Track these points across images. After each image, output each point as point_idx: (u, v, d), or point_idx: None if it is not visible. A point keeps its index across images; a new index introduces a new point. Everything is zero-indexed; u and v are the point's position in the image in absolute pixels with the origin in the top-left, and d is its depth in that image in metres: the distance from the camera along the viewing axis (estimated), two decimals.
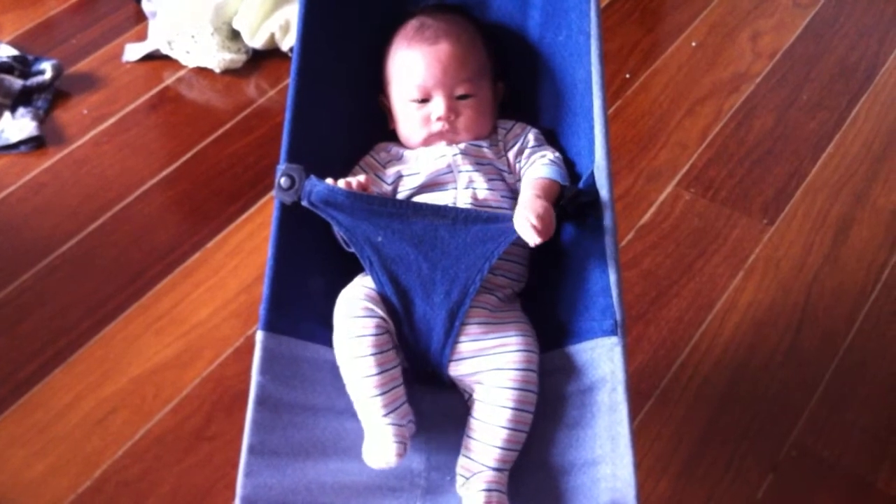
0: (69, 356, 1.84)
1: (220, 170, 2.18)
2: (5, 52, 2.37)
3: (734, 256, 2.02)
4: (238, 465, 1.16)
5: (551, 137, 1.41)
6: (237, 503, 1.16)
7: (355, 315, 1.22)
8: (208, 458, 1.70)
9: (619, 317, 1.20)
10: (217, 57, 2.37)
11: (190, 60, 2.39)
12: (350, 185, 1.27)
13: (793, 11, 2.58)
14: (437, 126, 1.38)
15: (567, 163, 1.36)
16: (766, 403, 1.79)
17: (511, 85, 1.47)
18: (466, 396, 1.27)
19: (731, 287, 1.96)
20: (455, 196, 1.33)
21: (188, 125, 2.28)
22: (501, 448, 1.18)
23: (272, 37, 2.38)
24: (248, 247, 2.03)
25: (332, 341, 1.24)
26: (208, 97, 2.36)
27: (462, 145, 1.38)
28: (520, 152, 1.38)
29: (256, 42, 2.39)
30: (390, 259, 1.23)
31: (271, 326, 1.22)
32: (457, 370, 1.25)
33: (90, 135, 2.25)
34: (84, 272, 1.98)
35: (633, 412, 1.18)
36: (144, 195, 2.12)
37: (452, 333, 1.23)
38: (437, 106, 1.37)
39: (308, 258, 1.30)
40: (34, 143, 2.21)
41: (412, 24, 1.43)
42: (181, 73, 2.40)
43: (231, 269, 1.99)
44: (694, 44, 2.49)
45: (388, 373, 1.21)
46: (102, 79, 2.37)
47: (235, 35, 2.41)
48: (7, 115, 2.24)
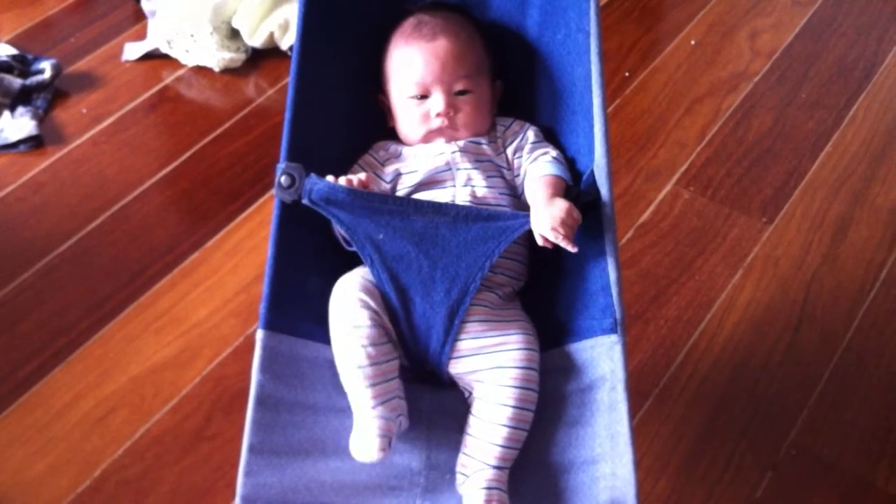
0: (68, 355, 1.84)
1: (220, 169, 2.18)
2: (4, 51, 2.37)
3: (733, 255, 2.02)
4: (237, 464, 1.16)
5: (550, 136, 1.41)
6: (237, 502, 1.16)
7: (349, 305, 1.22)
8: (208, 458, 1.70)
9: (618, 315, 1.20)
10: (216, 56, 2.37)
11: (189, 59, 2.39)
12: (351, 182, 1.27)
13: (791, 10, 2.58)
14: (437, 122, 1.38)
15: (566, 161, 1.36)
16: (765, 402, 1.79)
17: (510, 83, 1.47)
18: (466, 395, 1.27)
19: (730, 286, 1.96)
20: (454, 194, 1.33)
21: (187, 124, 2.28)
22: (502, 446, 1.18)
23: (271, 36, 2.38)
24: (247, 246, 2.03)
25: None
26: (207, 96, 2.36)
27: (461, 143, 1.38)
28: (519, 149, 1.38)
29: (256, 41, 2.39)
30: (391, 257, 1.23)
31: (271, 325, 1.22)
32: (456, 368, 1.25)
33: (89, 134, 2.25)
34: (83, 271, 1.98)
35: (633, 411, 1.18)
36: (143, 194, 2.12)
37: (452, 331, 1.23)
38: (436, 102, 1.37)
39: (308, 257, 1.30)
40: (33, 143, 2.21)
41: (410, 21, 1.43)
42: (180, 72, 2.39)
43: (230, 268, 1.99)
44: (693, 42, 2.49)
45: (380, 366, 1.21)
46: (101, 78, 2.37)
47: (235, 34, 2.41)
48: (6, 114, 2.24)
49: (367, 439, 1.16)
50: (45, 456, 1.70)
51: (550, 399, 1.22)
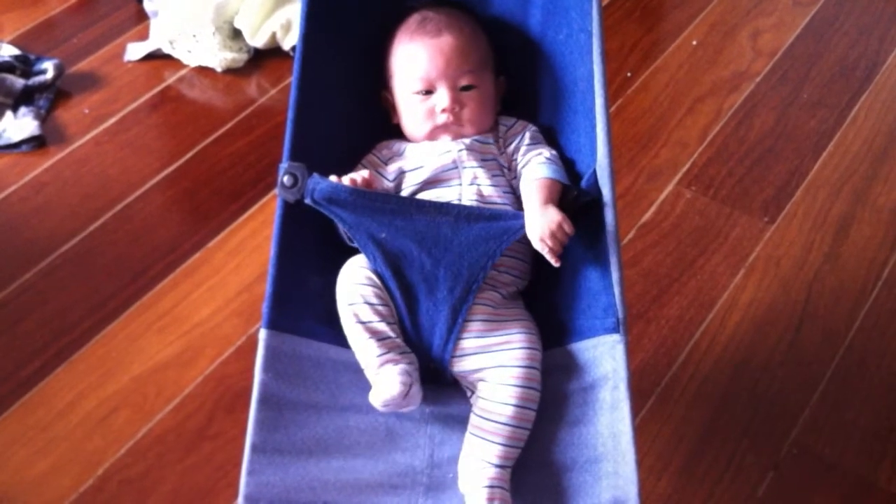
0: (70, 355, 1.84)
1: (222, 169, 2.18)
2: (7, 51, 2.38)
3: (735, 255, 2.02)
4: (240, 463, 1.16)
5: (552, 135, 1.42)
6: (240, 501, 1.16)
7: (360, 282, 1.23)
8: (210, 457, 1.70)
9: (621, 315, 1.20)
10: (218, 56, 2.37)
11: (191, 60, 2.39)
12: (355, 181, 1.27)
13: (793, 10, 2.58)
14: (442, 118, 1.38)
15: (567, 161, 1.36)
16: (766, 402, 1.79)
17: (512, 83, 1.47)
18: (469, 393, 1.27)
19: (732, 286, 1.96)
20: (460, 192, 1.33)
21: (189, 124, 2.28)
22: (504, 445, 1.19)
23: (273, 36, 2.39)
24: (250, 246, 2.03)
25: (336, 338, 1.24)
26: (209, 96, 2.36)
27: (467, 140, 1.38)
28: (516, 150, 1.38)
29: (258, 41, 2.39)
30: (393, 255, 1.24)
31: (274, 324, 1.22)
32: (459, 367, 1.25)
33: (91, 134, 2.25)
34: (85, 271, 1.98)
35: (634, 410, 1.18)
36: (145, 194, 2.13)
37: (455, 330, 1.23)
38: (442, 97, 1.38)
39: (310, 256, 1.30)
40: (35, 143, 2.21)
41: (414, 18, 1.43)
42: (182, 72, 2.40)
43: (232, 268, 1.99)
44: (694, 42, 2.49)
45: (395, 340, 1.21)
46: (104, 78, 2.38)
47: (237, 34, 2.41)
48: (9, 114, 2.24)
49: (389, 381, 1.16)
50: (47, 455, 1.70)
51: (553, 398, 1.23)
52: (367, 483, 1.20)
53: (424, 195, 1.34)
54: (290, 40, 2.38)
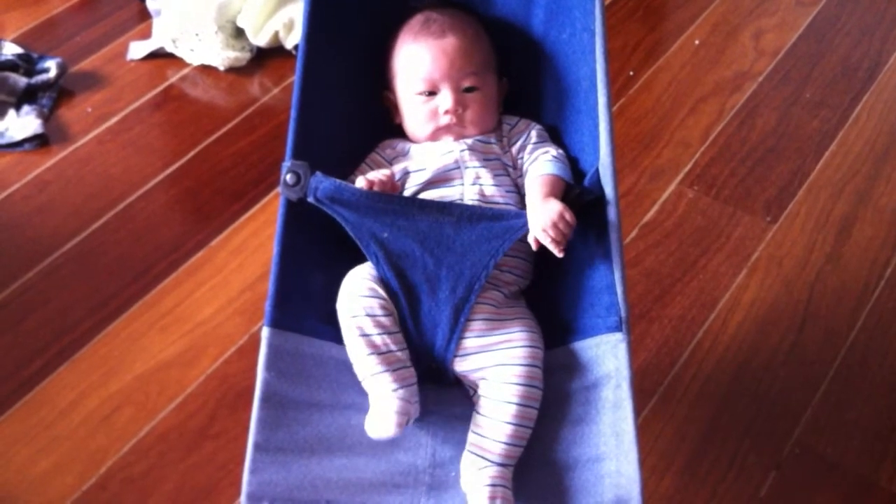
0: (73, 354, 1.84)
1: (224, 168, 2.18)
2: (10, 50, 2.38)
3: (737, 255, 2.02)
4: (242, 461, 1.17)
5: (555, 135, 1.42)
6: (242, 500, 1.16)
7: (362, 294, 1.22)
8: (212, 456, 1.70)
9: (623, 314, 1.20)
10: (221, 55, 2.37)
11: (194, 58, 2.39)
12: (372, 182, 1.27)
13: (795, 10, 2.58)
14: (445, 119, 1.38)
15: (570, 160, 1.36)
16: (768, 401, 1.79)
17: (515, 82, 1.47)
18: (471, 393, 1.27)
19: (734, 285, 1.96)
20: (462, 192, 1.33)
21: (192, 123, 2.28)
22: (506, 444, 1.18)
23: (276, 35, 2.39)
24: (252, 245, 2.03)
25: (338, 337, 1.24)
26: (212, 95, 2.36)
27: (469, 140, 1.38)
28: (522, 148, 1.38)
29: (260, 40, 2.39)
30: (396, 255, 1.24)
31: (276, 323, 1.22)
32: (462, 366, 1.25)
33: (94, 133, 2.25)
34: (88, 270, 1.98)
35: (637, 410, 1.18)
36: (148, 193, 2.13)
37: (457, 329, 1.23)
38: (445, 99, 1.38)
39: (313, 255, 1.30)
40: (38, 142, 2.22)
41: (418, 18, 1.43)
42: (185, 71, 2.40)
43: (235, 266, 1.99)
44: (697, 42, 2.49)
45: (396, 353, 1.21)
46: (106, 77, 2.38)
47: (239, 33, 2.42)
48: (11, 112, 2.24)
49: (385, 416, 1.16)
50: (50, 454, 1.71)
51: (555, 397, 1.22)
52: (369, 482, 1.20)
53: (427, 195, 1.34)
54: (293, 39, 2.38)
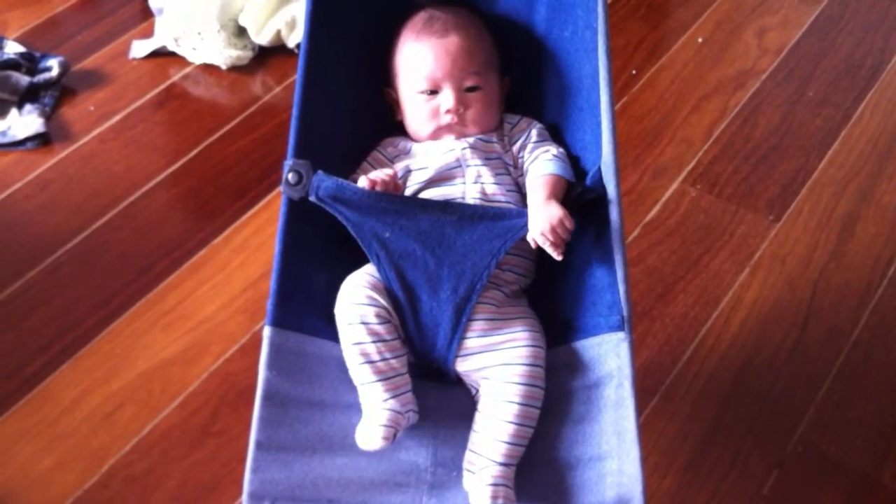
0: (76, 352, 1.84)
1: (226, 166, 2.18)
2: (12, 48, 2.38)
3: (740, 253, 2.02)
4: (244, 460, 1.17)
5: (557, 133, 1.41)
6: (244, 498, 1.16)
7: (357, 302, 1.22)
8: (215, 454, 1.70)
9: (625, 312, 1.20)
10: (223, 54, 2.37)
11: (196, 57, 2.39)
12: (375, 182, 1.27)
13: (798, 8, 2.58)
14: (446, 119, 1.38)
15: (572, 158, 1.36)
16: (771, 400, 1.79)
17: (517, 80, 1.47)
18: (473, 392, 1.27)
19: (737, 283, 1.96)
20: (464, 191, 1.33)
21: (194, 122, 2.28)
22: (508, 443, 1.18)
23: (278, 33, 2.39)
24: (254, 243, 2.03)
25: (339, 336, 1.24)
26: (214, 94, 2.36)
27: (471, 139, 1.38)
28: (523, 147, 1.38)
29: (262, 39, 2.39)
30: (397, 254, 1.23)
31: (278, 322, 1.22)
32: (463, 366, 1.25)
33: (96, 131, 2.25)
34: (90, 268, 1.99)
35: (639, 408, 1.18)
36: (150, 192, 2.13)
37: (459, 329, 1.23)
38: (447, 98, 1.38)
39: (315, 254, 1.30)
40: (40, 140, 2.22)
41: (421, 16, 1.43)
42: (187, 69, 2.40)
43: (237, 265, 1.99)
44: (700, 40, 2.49)
45: (390, 361, 1.21)
46: (109, 75, 2.38)
47: (242, 32, 2.42)
48: (14, 111, 2.24)
49: (372, 428, 1.17)
50: (52, 452, 1.71)
51: (557, 396, 1.22)
52: (371, 481, 1.20)
53: (428, 193, 1.34)
54: (295, 38, 2.38)
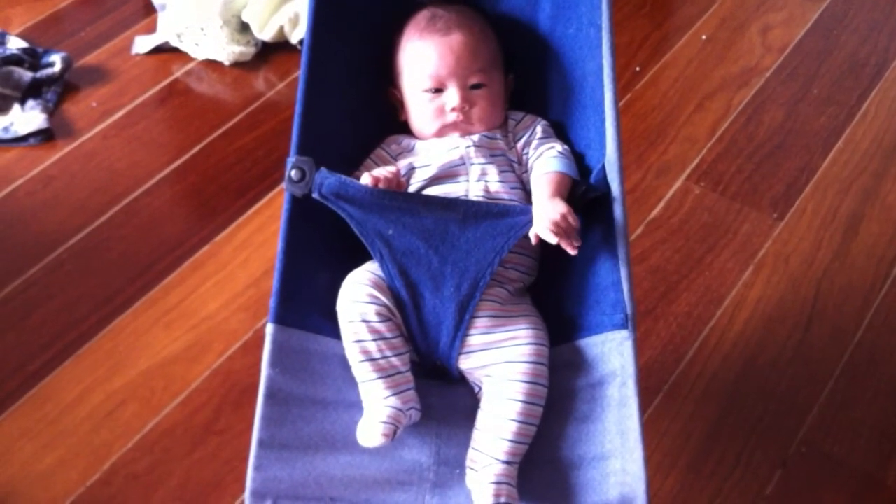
0: (78, 349, 1.84)
1: (229, 163, 2.18)
2: (15, 44, 2.37)
3: (743, 251, 2.01)
4: (246, 458, 1.16)
5: (561, 130, 1.41)
6: (246, 496, 1.16)
7: (358, 300, 1.22)
8: (217, 452, 1.70)
9: (629, 311, 1.20)
10: (226, 50, 2.36)
11: (199, 53, 2.39)
12: (378, 179, 1.26)
13: (802, 5, 2.57)
14: (452, 117, 1.38)
15: (576, 156, 1.36)
16: (774, 399, 1.78)
17: (521, 77, 1.46)
18: (476, 390, 1.27)
19: (741, 282, 1.96)
20: (467, 188, 1.32)
21: (197, 118, 2.28)
22: (511, 441, 1.18)
23: (281, 30, 2.38)
24: (257, 240, 2.03)
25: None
26: (217, 90, 2.36)
27: (475, 137, 1.38)
28: (527, 144, 1.37)
29: (265, 35, 2.39)
30: (401, 252, 1.23)
31: (281, 319, 1.22)
32: (466, 363, 1.25)
33: (99, 128, 2.25)
34: (92, 266, 1.98)
35: (642, 408, 1.17)
36: (153, 188, 2.13)
37: (462, 327, 1.23)
38: (452, 96, 1.37)
39: (318, 251, 1.30)
40: (43, 136, 2.21)
41: (424, 14, 1.43)
42: (190, 65, 2.39)
43: (240, 262, 1.99)
44: (704, 38, 2.48)
45: (391, 359, 1.21)
46: (111, 72, 2.37)
47: (245, 28, 2.41)
48: (16, 107, 2.24)
49: (372, 424, 1.16)
50: (54, 449, 1.70)
51: (560, 394, 1.22)
52: (373, 479, 1.20)
53: (432, 191, 1.33)
54: (298, 34, 2.38)
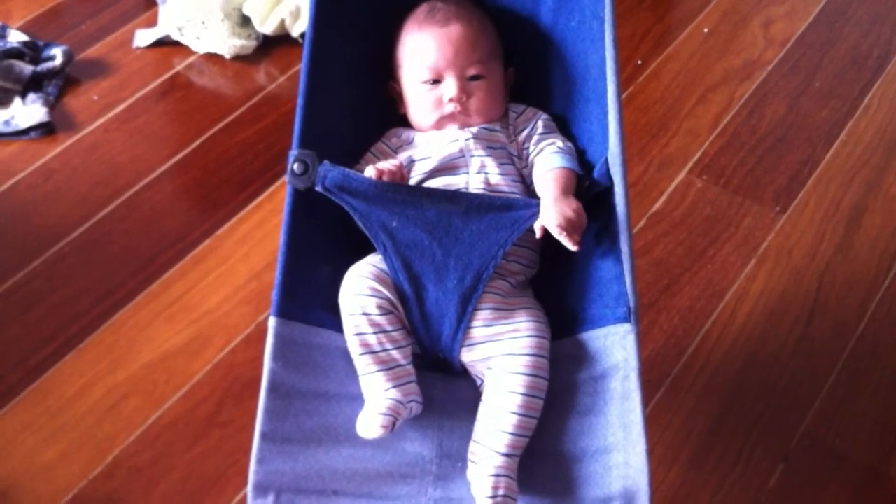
0: (80, 343, 1.84)
1: (230, 157, 2.18)
2: (16, 37, 2.37)
3: (746, 245, 2.01)
4: (249, 451, 1.17)
5: (563, 124, 1.41)
6: (249, 489, 1.16)
7: (359, 293, 1.22)
8: (219, 445, 1.70)
9: (632, 304, 1.19)
10: (227, 43, 2.36)
11: (200, 47, 2.39)
12: (382, 171, 1.26)
13: None
14: (449, 108, 1.37)
15: (579, 150, 1.36)
16: (777, 393, 1.78)
17: (523, 70, 1.46)
18: (479, 383, 1.27)
19: (743, 275, 1.95)
20: (467, 181, 1.32)
21: (198, 112, 2.27)
22: (511, 434, 1.18)
23: (282, 23, 2.38)
24: (259, 234, 2.02)
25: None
26: (218, 84, 2.35)
27: (474, 129, 1.37)
28: (528, 138, 1.37)
29: (266, 28, 2.39)
30: (404, 244, 1.23)
31: (283, 313, 1.22)
32: (469, 356, 1.25)
33: (100, 121, 2.25)
34: (94, 259, 1.98)
35: (644, 401, 1.17)
36: (154, 182, 2.12)
37: (465, 319, 1.23)
38: (449, 87, 1.37)
39: (320, 244, 1.30)
40: (44, 130, 2.21)
41: (423, 7, 1.43)
42: (191, 59, 2.39)
43: (241, 256, 1.99)
44: (706, 30, 2.48)
45: (392, 352, 1.21)
46: (112, 65, 2.37)
47: (246, 21, 2.41)
48: (17, 100, 2.24)
49: (372, 416, 1.17)
50: (56, 442, 1.71)
51: (563, 387, 1.22)
52: (376, 472, 1.20)
53: (432, 183, 1.33)
54: (299, 27, 2.38)
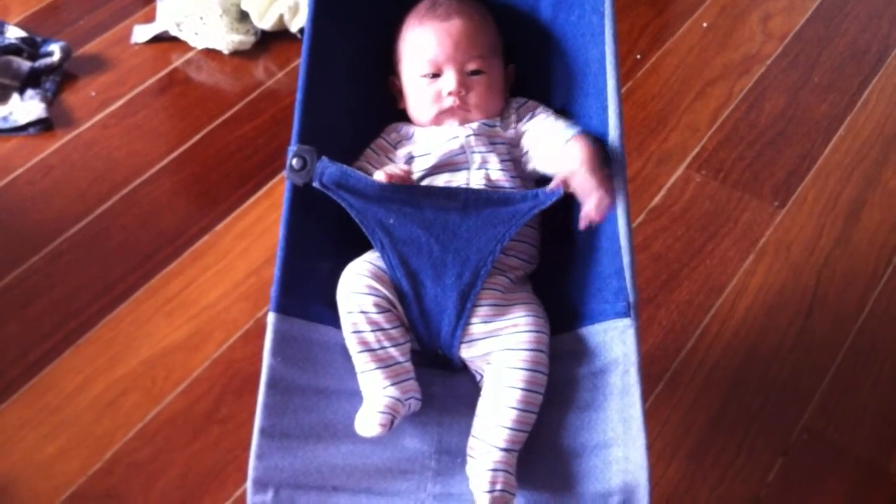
0: (78, 339, 1.84)
1: (229, 153, 2.17)
2: (13, 33, 2.37)
3: (745, 239, 2.01)
4: (248, 447, 1.17)
5: (562, 119, 1.40)
6: (248, 485, 1.16)
7: (357, 291, 1.22)
8: (218, 441, 1.70)
9: (631, 299, 1.20)
10: (226, 39, 2.36)
11: (198, 42, 2.38)
12: (391, 176, 1.26)
13: None
14: (449, 102, 1.37)
15: None
16: (776, 387, 1.78)
17: (523, 65, 1.46)
18: (478, 378, 1.27)
19: (742, 270, 1.95)
20: (468, 177, 1.32)
21: (196, 107, 2.27)
22: (510, 428, 1.18)
23: (281, 18, 2.37)
24: (257, 230, 2.02)
25: None
26: (217, 79, 2.35)
27: (474, 125, 1.37)
28: (531, 119, 1.37)
29: (265, 23, 2.38)
30: (401, 241, 1.23)
31: (282, 308, 1.22)
32: (468, 352, 1.25)
33: (98, 117, 2.24)
34: (92, 255, 1.98)
35: (644, 396, 1.17)
36: (153, 178, 2.12)
37: (464, 315, 1.23)
38: (448, 81, 1.37)
39: (319, 240, 1.30)
40: (42, 126, 2.21)
41: (424, 2, 1.43)
42: (189, 54, 2.39)
43: (240, 252, 1.99)
44: (704, 25, 2.47)
45: (390, 349, 1.21)
46: (111, 61, 2.37)
47: (244, 16, 2.40)
48: (15, 96, 2.24)
49: (370, 414, 1.17)
50: (55, 439, 1.71)
51: (563, 382, 1.22)
52: (375, 468, 1.20)
53: (433, 180, 1.33)
54: (298, 23, 2.37)
